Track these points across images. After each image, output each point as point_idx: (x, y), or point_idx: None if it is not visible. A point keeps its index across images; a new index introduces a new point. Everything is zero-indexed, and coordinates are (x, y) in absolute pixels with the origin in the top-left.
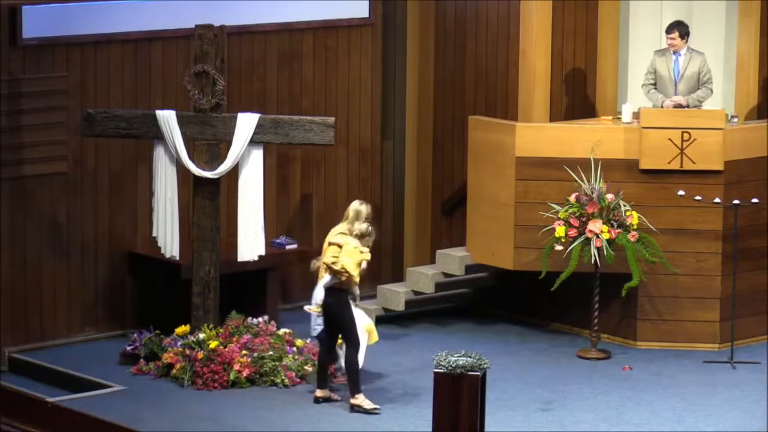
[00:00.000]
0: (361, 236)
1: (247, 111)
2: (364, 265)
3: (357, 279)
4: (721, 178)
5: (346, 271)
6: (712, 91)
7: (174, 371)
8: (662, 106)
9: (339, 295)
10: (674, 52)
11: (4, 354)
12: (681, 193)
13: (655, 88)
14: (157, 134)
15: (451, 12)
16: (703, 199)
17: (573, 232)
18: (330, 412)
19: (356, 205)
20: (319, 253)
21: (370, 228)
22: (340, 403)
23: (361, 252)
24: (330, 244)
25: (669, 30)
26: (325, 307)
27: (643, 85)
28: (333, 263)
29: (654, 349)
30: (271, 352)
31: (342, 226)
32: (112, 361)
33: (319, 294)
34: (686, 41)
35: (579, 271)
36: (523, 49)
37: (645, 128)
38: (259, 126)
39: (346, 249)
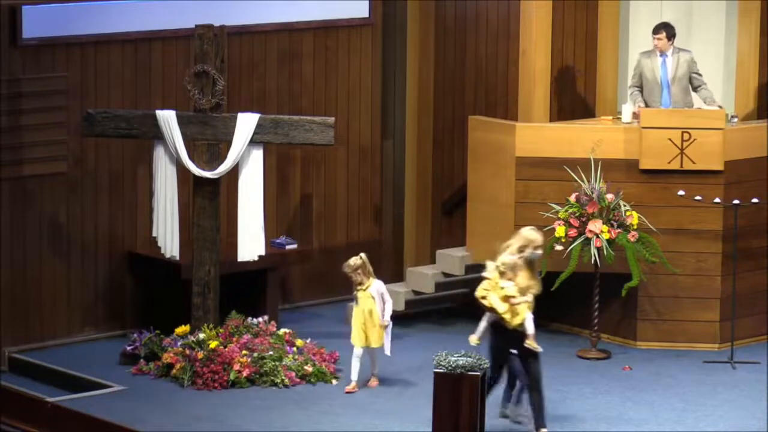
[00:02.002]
0: (501, 273)
1: (247, 111)
2: (514, 300)
3: (507, 315)
4: (721, 178)
5: (493, 308)
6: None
7: (174, 371)
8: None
9: (497, 328)
10: (661, 54)
11: (4, 354)
12: (681, 193)
13: (639, 90)
14: (157, 134)
15: (451, 12)
16: (703, 199)
17: (573, 232)
18: (330, 411)
19: (521, 232)
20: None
21: (510, 260)
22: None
23: (501, 288)
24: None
25: (656, 31)
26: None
27: (629, 86)
28: (482, 297)
29: (654, 349)
30: (271, 352)
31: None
32: (112, 361)
33: (482, 324)
34: (672, 42)
35: (579, 271)
36: (523, 49)
37: (645, 128)
38: (259, 126)
39: (492, 285)
